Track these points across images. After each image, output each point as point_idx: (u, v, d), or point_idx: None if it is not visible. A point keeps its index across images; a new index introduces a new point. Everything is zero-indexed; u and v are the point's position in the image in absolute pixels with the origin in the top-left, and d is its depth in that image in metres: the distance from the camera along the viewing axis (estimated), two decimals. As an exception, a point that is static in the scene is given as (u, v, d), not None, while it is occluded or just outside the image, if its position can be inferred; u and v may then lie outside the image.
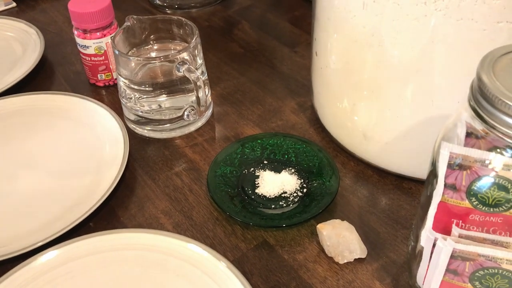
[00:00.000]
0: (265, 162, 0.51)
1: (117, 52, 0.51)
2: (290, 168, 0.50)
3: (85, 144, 0.53)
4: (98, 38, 0.58)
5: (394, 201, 0.47)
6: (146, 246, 0.42)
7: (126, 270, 0.41)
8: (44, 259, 0.41)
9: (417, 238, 0.37)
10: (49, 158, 0.52)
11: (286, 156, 0.51)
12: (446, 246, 0.32)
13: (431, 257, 0.34)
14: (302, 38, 0.71)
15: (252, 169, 0.50)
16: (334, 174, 0.47)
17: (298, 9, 0.77)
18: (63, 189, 0.48)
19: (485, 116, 0.28)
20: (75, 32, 0.59)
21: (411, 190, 0.48)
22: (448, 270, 0.33)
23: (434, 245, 0.34)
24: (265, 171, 0.50)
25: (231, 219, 0.46)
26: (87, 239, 0.42)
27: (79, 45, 0.59)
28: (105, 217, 0.47)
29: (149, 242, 0.42)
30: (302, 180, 0.48)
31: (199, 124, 0.57)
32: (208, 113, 0.58)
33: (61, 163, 0.51)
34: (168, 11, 0.79)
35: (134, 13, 0.56)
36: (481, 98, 0.28)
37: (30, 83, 0.63)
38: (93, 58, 0.59)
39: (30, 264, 0.40)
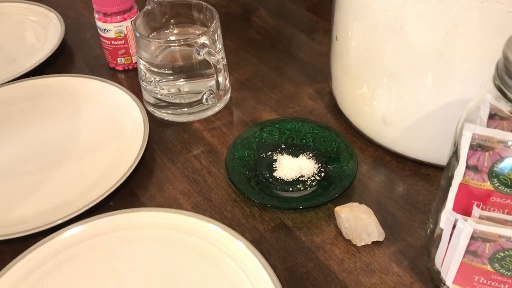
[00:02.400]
0: (283, 146, 0.51)
1: (138, 35, 0.52)
2: (308, 152, 0.50)
3: (106, 126, 0.54)
4: (119, 21, 0.58)
5: (412, 186, 0.47)
6: (166, 225, 0.42)
7: (146, 248, 0.42)
8: (67, 235, 0.42)
9: (436, 221, 0.37)
10: (71, 138, 0.53)
11: (304, 140, 0.51)
12: (466, 227, 0.32)
13: (450, 239, 0.35)
14: (320, 25, 0.71)
15: (270, 153, 0.51)
16: (352, 158, 0.48)
17: (316, -4, 0.77)
18: (84, 169, 0.49)
19: (510, 95, 0.28)
20: (96, 16, 0.59)
21: (429, 176, 0.48)
22: (468, 251, 0.33)
23: (453, 227, 0.34)
24: (282, 155, 0.50)
25: (249, 200, 0.46)
26: (109, 216, 0.43)
27: (99, 28, 0.60)
28: (125, 197, 0.47)
29: (170, 221, 0.42)
30: (319, 165, 0.49)
31: (217, 108, 0.57)
32: (226, 98, 0.58)
33: (83, 144, 0.52)
34: (186, -2, 0.79)
35: (153, -2, 0.57)
36: (507, 77, 0.28)
37: (51, 66, 0.64)
38: (113, 42, 0.60)
39: (54, 239, 0.41)
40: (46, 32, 0.68)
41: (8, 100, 0.57)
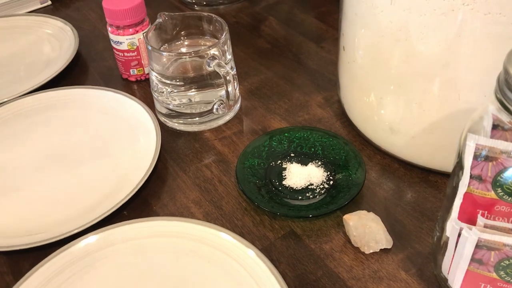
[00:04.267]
0: (292, 155, 0.52)
1: (150, 48, 0.53)
2: (317, 160, 0.51)
3: (120, 136, 0.55)
4: (131, 34, 0.60)
5: (420, 194, 0.48)
6: (179, 233, 0.44)
7: (159, 256, 0.43)
8: (82, 244, 0.43)
9: (442, 229, 0.38)
10: (86, 149, 0.54)
11: (313, 149, 0.52)
12: (471, 235, 0.33)
13: (456, 247, 0.35)
14: (329, 33, 0.71)
15: (279, 161, 0.51)
16: (361, 166, 0.48)
17: (324, 5, 0.78)
18: (98, 178, 0.51)
19: (511, 108, 0.29)
20: (109, 29, 0.61)
21: (437, 183, 0.48)
22: (473, 259, 0.34)
23: (459, 235, 0.35)
24: (292, 163, 0.51)
25: (259, 209, 0.47)
26: (122, 226, 0.44)
27: (112, 41, 0.61)
28: (138, 206, 0.49)
29: (182, 230, 0.44)
30: (328, 173, 0.50)
31: (227, 117, 0.58)
32: (236, 107, 0.59)
33: (97, 154, 0.54)
34: (197, 8, 0.80)
35: (164, 10, 0.58)
36: (507, 90, 0.29)
37: (66, 78, 0.66)
38: (126, 54, 0.61)
39: (70, 249, 0.43)
40: (61, 44, 0.70)
41: (26, 111, 0.59)
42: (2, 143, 0.56)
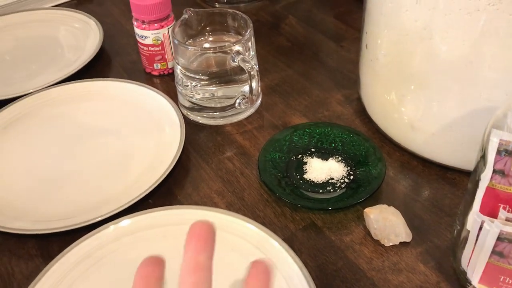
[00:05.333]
0: (313, 149, 0.53)
1: (176, 42, 0.55)
2: (337, 156, 0.52)
3: (145, 127, 0.57)
4: (156, 29, 0.61)
5: (439, 190, 0.49)
6: (203, 222, 0.45)
7: (184, 243, 0.44)
8: (111, 229, 0.44)
9: (462, 223, 0.39)
10: (113, 139, 0.56)
11: (333, 144, 0.53)
12: (493, 228, 0.34)
13: (477, 240, 0.36)
14: (348, 33, 0.72)
15: (300, 155, 0.53)
16: (380, 162, 0.49)
17: (343, 5, 0.79)
18: (125, 168, 0.52)
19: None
20: (135, 23, 0.62)
21: (455, 180, 0.49)
22: (494, 252, 0.35)
23: (480, 229, 0.36)
24: (312, 158, 0.52)
25: (280, 201, 0.49)
26: (148, 213, 0.45)
27: (137, 35, 0.63)
28: (163, 195, 0.50)
29: (208, 219, 0.45)
30: (348, 168, 0.51)
31: (248, 112, 0.59)
32: (257, 102, 0.60)
33: (124, 145, 0.55)
34: (217, 5, 0.82)
35: (186, 6, 0.60)
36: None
37: (90, 71, 0.67)
38: (150, 48, 0.63)
39: (99, 233, 0.44)
40: (86, 38, 0.72)
41: (53, 102, 0.61)
42: (31, 131, 0.57)
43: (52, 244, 0.46)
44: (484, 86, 0.42)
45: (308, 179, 0.50)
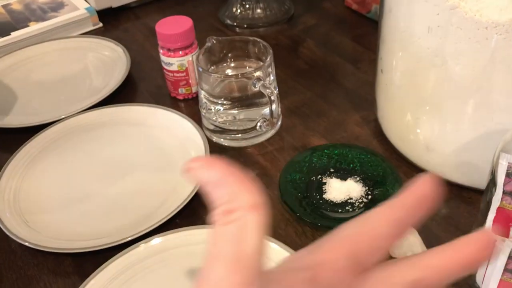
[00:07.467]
0: (332, 170, 0.55)
1: (200, 69, 0.58)
2: (355, 176, 0.54)
3: (171, 150, 0.60)
4: (181, 56, 0.65)
5: (454, 209, 0.50)
6: (227, 241, 0.47)
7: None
8: (141, 248, 0.47)
9: (476, 242, 0.40)
10: (141, 162, 0.59)
11: (352, 165, 0.55)
12: (504, 246, 0.35)
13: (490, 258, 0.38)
14: (365, 55, 0.75)
15: (319, 176, 0.55)
16: (398, 182, 0.51)
17: (360, 27, 0.81)
18: (153, 190, 0.55)
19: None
20: (160, 51, 0.66)
21: (471, 199, 0.51)
22: (506, 269, 0.36)
23: (493, 247, 0.37)
24: (331, 178, 0.54)
25: (301, 220, 0.51)
26: (176, 233, 0.48)
27: (163, 62, 0.66)
28: (189, 215, 0.53)
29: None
30: (366, 188, 0.53)
31: (269, 134, 0.62)
32: (278, 125, 0.63)
33: (151, 167, 0.58)
34: (238, 30, 0.85)
35: (208, 33, 0.63)
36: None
37: (118, 96, 0.71)
38: (175, 74, 0.66)
39: (130, 252, 0.47)
40: (114, 64, 0.76)
41: (83, 126, 0.64)
42: (65, 155, 0.61)
43: (87, 262, 0.49)
44: (495, 110, 0.44)
45: (327, 199, 0.52)
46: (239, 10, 0.86)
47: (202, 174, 0.24)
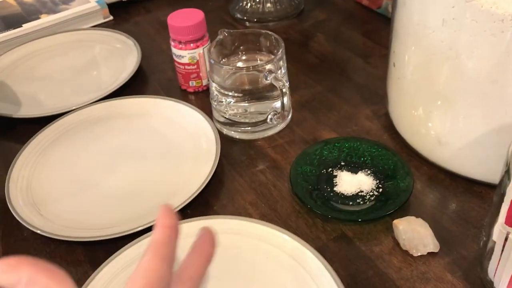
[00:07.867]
0: (342, 163, 0.56)
1: (212, 62, 0.58)
2: (366, 169, 0.54)
3: (182, 142, 0.60)
4: (192, 49, 0.65)
5: (465, 203, 0.50)
6: (238, 231, 0.47)
7: (222, 251, 0.46)
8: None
9: (489, 235, 0.40)
10: (153, 153, 0.59)
11: (362, 158, 0.55)
12: (518, 239, 0.35)
13: (502, 251, 0.38)
14: (375, 50, 0.75)
15: (330, 169, 0.55)
16: (409, 175, 0.51)
17: (371, 22, 0.81)
18: (165, 180, 0.55)
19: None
20: (172, 43, 0.66)
21: (482, 193, 0.51)
22: (519, 262, 0.36)
23: (506, 240, 0.37)
24: (342, 171, 0.54)
25: (311, 212, 0.51)
26: (187, 223, 0.48)
27: (174, 55, 0.66)
28: (200, 205, 0.53)
29: (241, 228, 0.48)
30: (377, 181, 0.53)
31: (279, 128, 0.62)
32: (288, 118, 0.63)
33: (163, 158, 0.58)
34: (248, 24, 0.85)
35: (218, 26, 0.63)
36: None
37: (129, 88, 0.71)
38: (186, 67, 0.66)
39: (140, 242, 0.47)
40: (125, 56, 0.76)
41: (95, 118, 0.65)
42: (77, 146, 0.61)
43: (99, 251, 0.49)
44: (509, 104, 0.44)
45: (338, 191, 0.52)
46: (249, 4, 0.86)
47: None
